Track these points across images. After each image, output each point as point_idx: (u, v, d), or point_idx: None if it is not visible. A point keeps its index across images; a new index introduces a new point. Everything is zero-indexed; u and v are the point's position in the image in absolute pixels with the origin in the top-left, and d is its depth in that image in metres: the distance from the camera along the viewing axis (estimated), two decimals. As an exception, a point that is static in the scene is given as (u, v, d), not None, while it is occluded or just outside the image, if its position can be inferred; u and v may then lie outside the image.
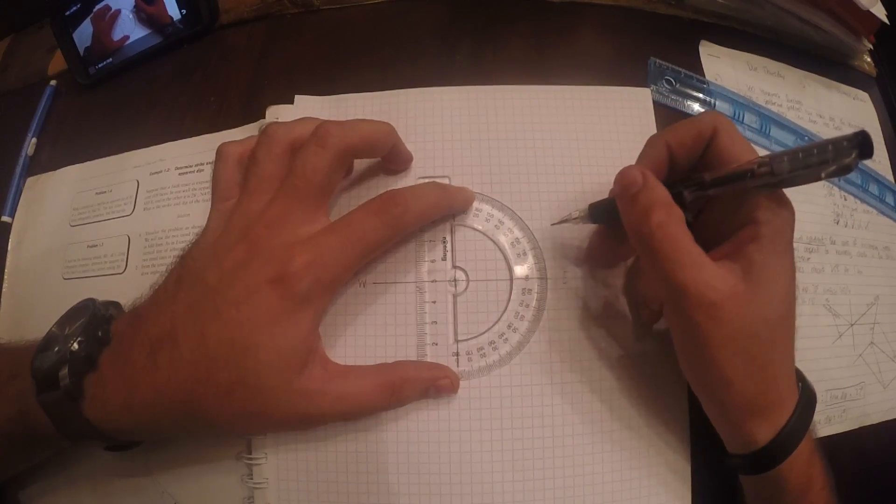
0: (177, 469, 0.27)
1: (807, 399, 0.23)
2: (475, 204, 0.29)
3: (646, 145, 0.25)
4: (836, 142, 0.19)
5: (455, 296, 0.27)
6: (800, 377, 0.24)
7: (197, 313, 0.22)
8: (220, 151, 0.27)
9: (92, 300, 0.25)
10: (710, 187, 0.22)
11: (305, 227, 0.24)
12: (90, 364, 0.22)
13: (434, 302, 0.27)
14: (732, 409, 0.23)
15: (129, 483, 0.28)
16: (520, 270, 0.28)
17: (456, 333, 0.27)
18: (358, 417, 0.26)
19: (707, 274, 0.21)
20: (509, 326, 0.27)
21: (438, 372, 0.26)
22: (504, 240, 0.28)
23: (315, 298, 0.23)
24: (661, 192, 0.22)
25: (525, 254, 0.28)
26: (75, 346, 0.22)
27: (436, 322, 0.27)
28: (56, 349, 0.22)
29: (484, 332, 0.27)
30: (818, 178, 0.20)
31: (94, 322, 0.23)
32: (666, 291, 0.22)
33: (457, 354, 0.27)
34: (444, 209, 0.28)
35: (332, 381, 0.24)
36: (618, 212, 0.23)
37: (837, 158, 0.19)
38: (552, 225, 0.28)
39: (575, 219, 0.27)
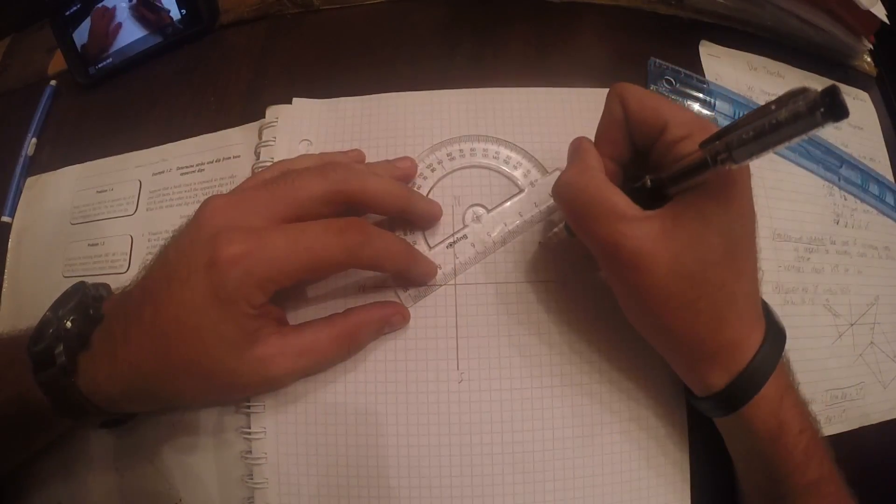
0: (179, 468, 0.27)
1: (772, 339, 0.22)
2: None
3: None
4: (795, 112, 0.16)
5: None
6: (767, 317, 0.23)
7: (157, 289, 0.23)
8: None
9: (83, 283, 0.25)
10: (669, 186, 0.22)
11: (261, 222, 0.23)
12: (83, 340, 0.23)
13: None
14: (681, 355, 0.23)
15: (137, 477, 0.28)
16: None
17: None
18: (319, 371, 0.26)
19: (628, 224, 0.21)
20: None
21: (390, 310, 0.26)
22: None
23: (244, 294, 0.21)
24: (594, 155, 0.24)
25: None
26: (68, 324, 0.23)
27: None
28: (51, 330, 0.23)
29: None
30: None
31: (86, 301, 0.24)
32: (595, 249, 0.23)
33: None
34: (401, 265, 0.26)
35: (288, 342, 0.24)
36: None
37: (802, 129, 0.16)
38: (540, 244, 0.28)
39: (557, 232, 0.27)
